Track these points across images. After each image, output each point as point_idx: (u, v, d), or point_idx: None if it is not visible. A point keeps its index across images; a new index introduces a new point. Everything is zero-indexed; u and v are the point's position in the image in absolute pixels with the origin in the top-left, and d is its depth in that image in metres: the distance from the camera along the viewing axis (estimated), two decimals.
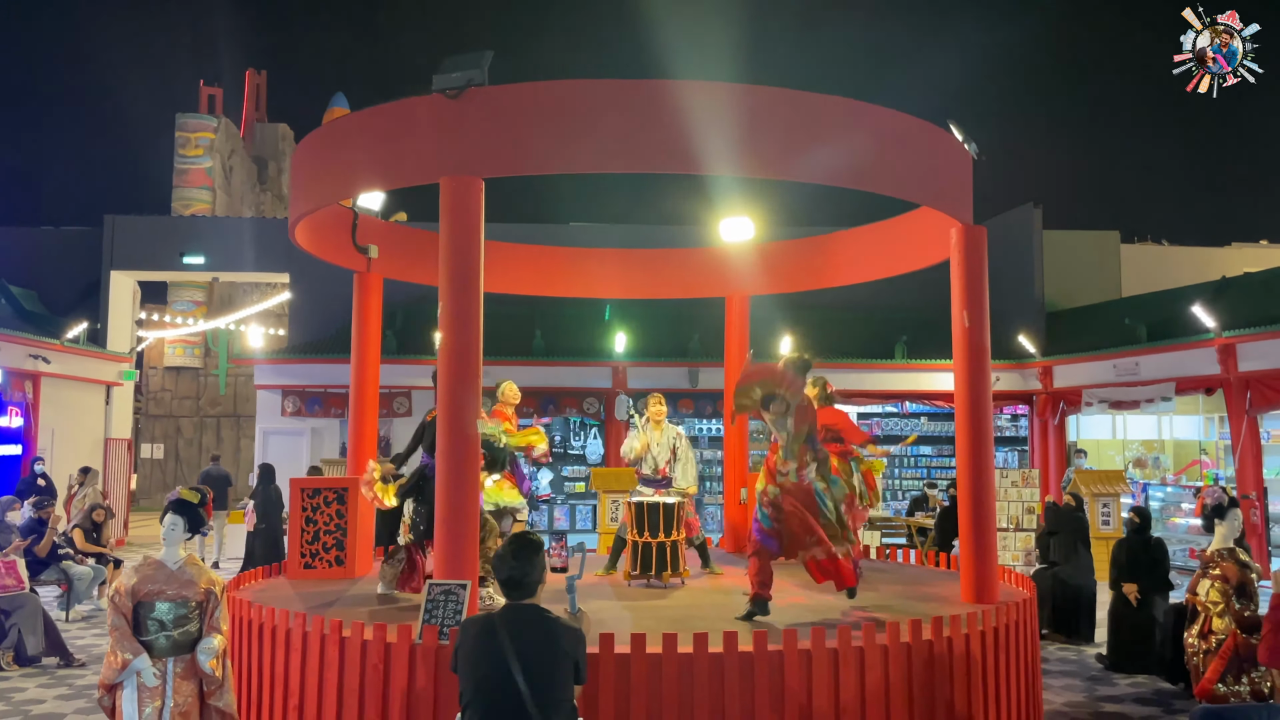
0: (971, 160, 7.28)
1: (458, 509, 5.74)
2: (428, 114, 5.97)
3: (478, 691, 3.56)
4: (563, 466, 19.67)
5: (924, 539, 13.93)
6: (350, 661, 5.47)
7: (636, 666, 5.11)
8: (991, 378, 16.31)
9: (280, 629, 5.84)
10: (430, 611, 5.45)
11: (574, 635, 3.69)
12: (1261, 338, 12.78)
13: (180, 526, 5.00)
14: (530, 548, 3.71)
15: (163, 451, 31.11)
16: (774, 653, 5.25)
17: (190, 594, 4.91)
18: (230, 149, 33.83)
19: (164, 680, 4.81)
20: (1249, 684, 5.20)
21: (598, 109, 5.89)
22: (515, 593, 3.67)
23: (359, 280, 8.91)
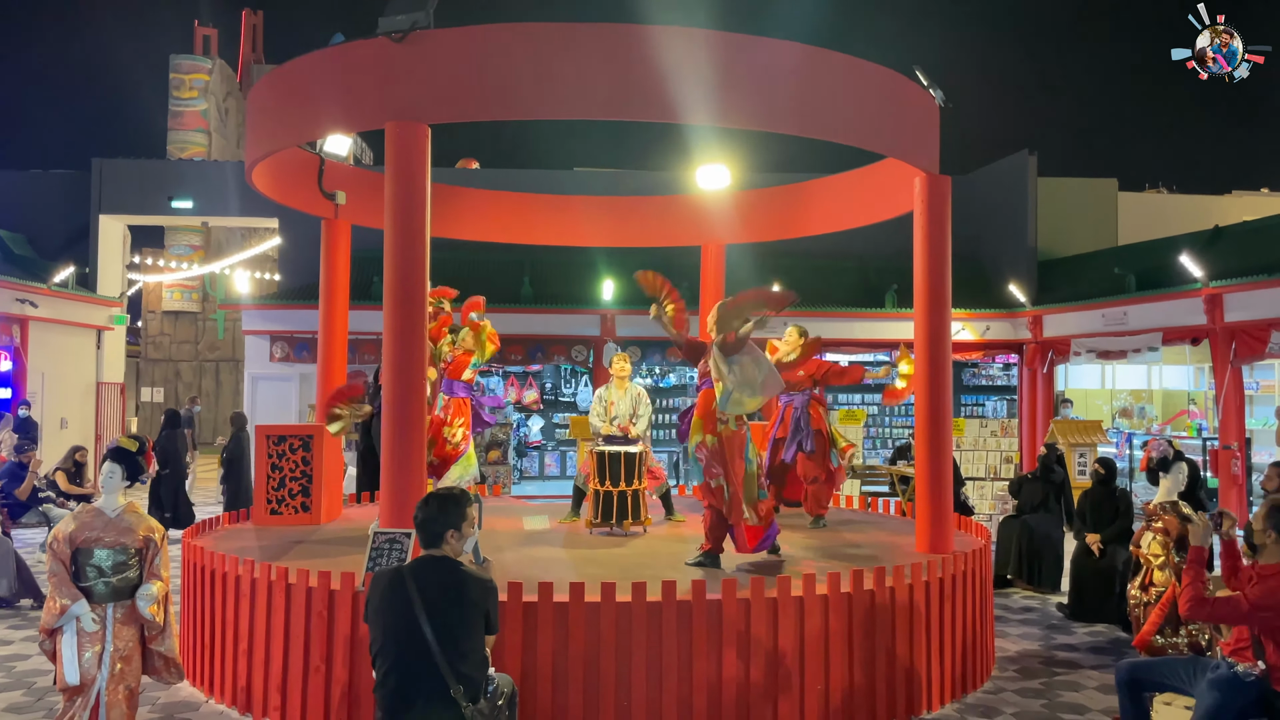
0: (938, 109, 7.15)
1: (403, 459, 5.75)
2: (373, 57, 5.87)
3: (386, 642, 3.60)
4: (553, 414, 19.72)
5: (905, 487, 13.98)
6: (295, 608, 5.53)
7: (574, 614, 5.16)
8: (976, 329, 16.10)
9: (230, 575, 5.90)
10: (374, 559, 5.48)
11: (482, 585, 3.71)
12: (1247, 288, 12.66)
13: (118, 474, 5.01)
14: (447, 499, 3.72)
15: (162, 395, 31.29)
16: (712, 601, 5.28)
17: (129, 541, 4.94)
18: (226, 91, 33.52)
19: (104, 625, 4.85)
20: (1187, 636, 5.21)
21: (547, 54, 5.77)
22: (421, 536, 3.69)
23: (327, 227, 8.85)
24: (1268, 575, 3.99)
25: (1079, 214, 19.88)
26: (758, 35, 6.07)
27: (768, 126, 6.22)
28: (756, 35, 6.04)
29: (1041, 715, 5.87)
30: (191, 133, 31.33)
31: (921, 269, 7.05)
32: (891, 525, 8.34)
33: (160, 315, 31.63)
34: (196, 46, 33.19)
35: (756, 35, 6.04)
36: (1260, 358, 12.94)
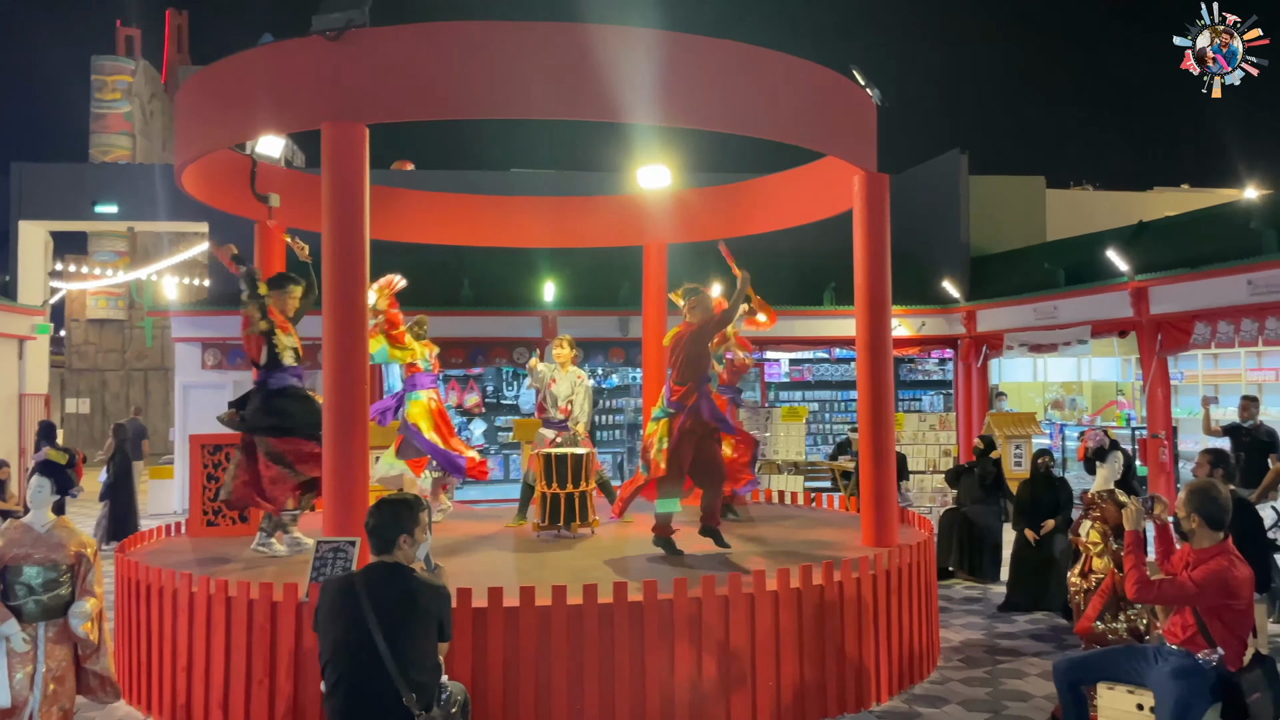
0: (875, 107, 7.23)
1: (345, 465, 5.64)
2: (307, 56, 5.75)
3: (336, 651, 3.52)
4: (495, 417, 19.56)
5: (847, 482, 14.14)
6: (237, 621, 5.39)
7: (525, 619, 5.10)
8: (912, 325, 16.31)
9: (167, 590, 5.73)
10: (318, 569, 5.37)
11: (435, 592, 3.65)
12: (1171, 281, 13.03)
13: (47, 488, 4.85)
14: (399, 504, 3.66)
15: (88, 406, 30.37)
16: (664, 601, 5.27)
17: (60, 557, 4.77)
18: (150, 93, 32.64)
19: (35, 645, 4.68)
20: (1126, 621, 5.34)
21: (486, 53, 5.71)
22: (372, 543, 3.62)
23: (260, 230, 8.66)
24: (1206, 558, 4.10)
25: (1008, 211, 20.30)
26: (697, 35, 6.08)
27: (710, 125, 6.23)
28: (697, 35, 6.04)
29: (986, 703, 5.97)
30: (115, 135, 30.44)
31: (862, 266, 7.13)
32: (835, 520, 8.42)
33: (85, 324, 30.68)
34: (119, 47, 32.25)
35: (697, 35, 6.04)
36: (1185, 349, 13.34)
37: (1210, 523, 4.13)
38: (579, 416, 8.32)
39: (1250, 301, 11.88)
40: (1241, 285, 12.02)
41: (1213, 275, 12.29)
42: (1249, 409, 9.32)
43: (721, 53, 6.12)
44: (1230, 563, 4.05)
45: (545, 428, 8.47)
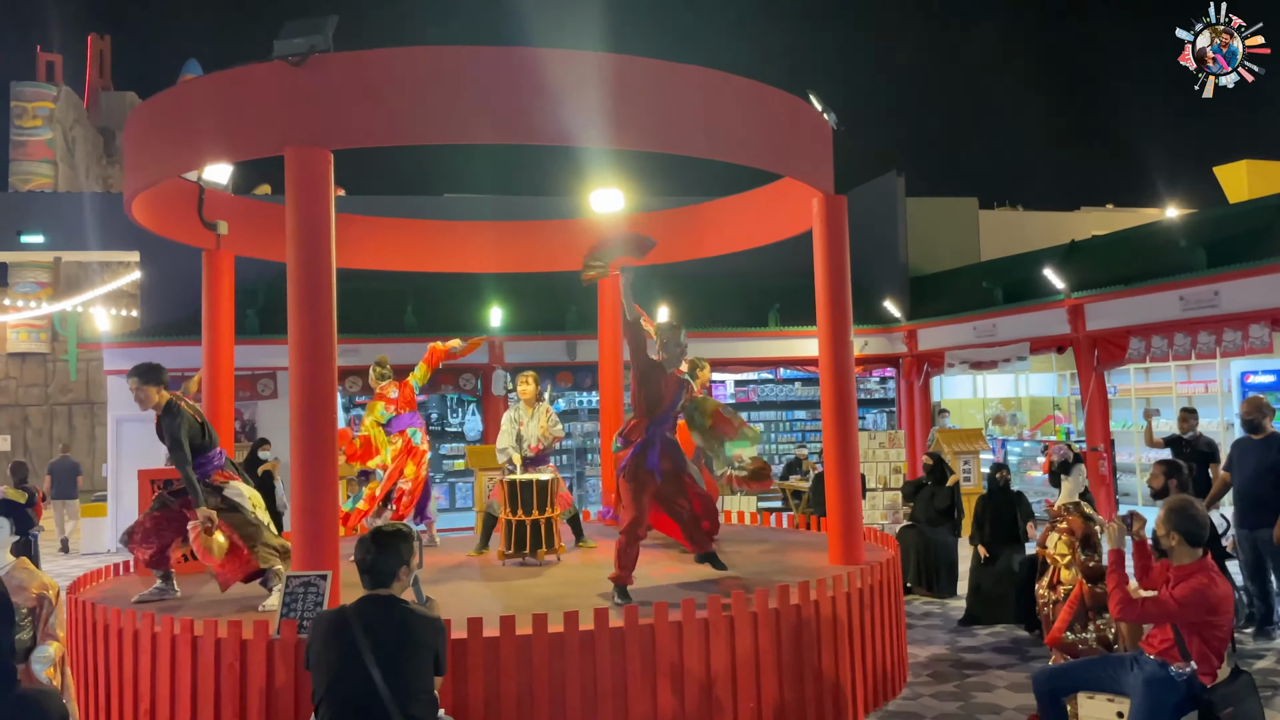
0: (831, 130, 7.35)
1: (315, 498, 5.51)
2: (269, 82, 5.66)
3: (331, 687, 3.43)
4: (440, 445, 19.33)
5: (798, 502, 14.25)
6: (204, 662, 5.21)
7: (506, 648, 5.02)
8: (855, 345, 16.66)
9: (127, 630, 5.52)
10: (289, 605, 5.22)
11: (430, 625, 3.58)
12: (1106, 298, 13.43)
13: (6, 529, 4.66)
14: (396, 536, 3.58)
15: (9, 443, 29.22)
16: (645, 626, 5.23)
17: (20, 600, 4.56)
18: (73, 119, 31.77)
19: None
20: (1095, 631, 5.45)
21: (450, 78, 5.68)
22: (367, 579, 3.53)
23: (208, 258, 8.48)
24: (1185, 575, 4.19)
25: (944, 232, 20.77)
26: (659, 59, 6.13)
27: (673, 149, 6.28)
28: (660, 59, 6.10)
29: (959, 717, 6.03)
30: (36, 163, 29.52)
31: (823, 287, 7.21)
32: (798, 540, 8.47)
33: (5, 358, 29.58)
34: (40, 73, 31.35)
35: (660, 59, 6.10)
36: (1121, 363, 13.75)
37: (1189, 540, 4.23)
38: (552, 435, 8.28)
39: (1183, 316, 12.31)
40: (1174, 301, 12.45)
41: (1146, 292, 12.71)
42: (1188, 421, 9.63)
43: (689, 78, 6.18)
44: (1210, 580, 4.15)
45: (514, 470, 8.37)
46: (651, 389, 6.25)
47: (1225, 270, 11.63)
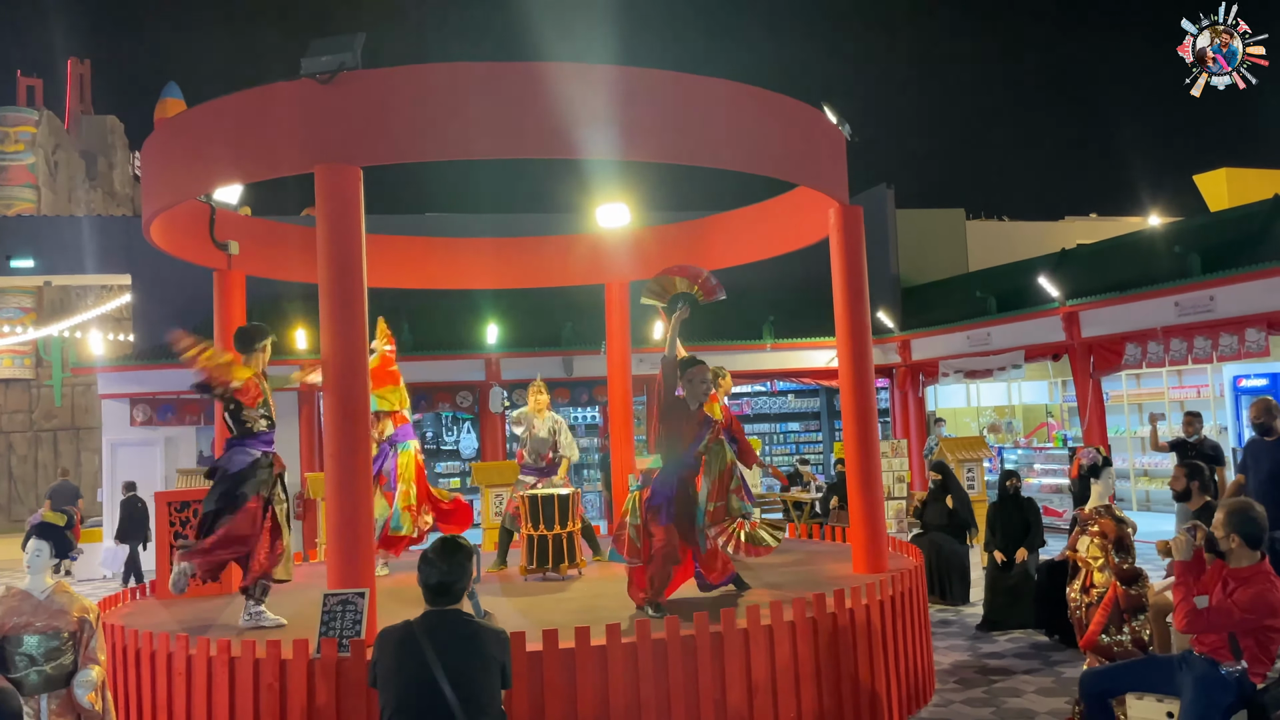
0: (845, 141, 7.42)
1: (351, 514, 5.48)
2: (297, 100, 5.65)
3: (401, 703, 3.40)
4: (436, 463, 19.28)
5: (799, 513, 14.28)
6: (242, 683, 5.16)
7: (549, 662, 5.01)
8: (827, 356, 16.34)
9: (160, 653, 5.47)
10: (327, 623, 5.20)
11: (498, 638, 3.57)
12: (1101, 305, 13.59)
13: (46, 552, 4.60)
14: (461, 552, 3.56)
15: None
16: (686, 638, 5.24)
17: (62, 624, 4.53)
18: (55, 143, 31.58)
19: (38, 718, 4.42)
20: (1130, 633, 5.49)
21: (481, 93, 5.69)
22: (440, 599, 3.51)
23: (219, 279, 8.42)
24: (1246, 578, 4.22)
25: (933, 242, 20.98)
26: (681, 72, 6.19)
27: (697, 161, 6.32)
28: (690, 73, 6.16)
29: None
30: (19, 188, 29.32)
31: (842, 297, 7.26)
32: (819, 549, 8.48)
33: None
34: (20, 98, 31.22)
35: (690, 73, 6.16)
36: (1117, 369, 13.89)
37: (1249, 542, 4.25)
38: (565, 453, 8.29)
39: (1178, 322, 12.46)
40: (1169, 307, 12.61)
41: (1142, 298, 12.86)
42: (1193, 424, 9.74)
43: (715, 90, 6.24)
44: (1271, 584, 4.17)
45: (525, 474, 8.39)
46: (672, 426, 6.19)
47: (1221, 275, 11.79)
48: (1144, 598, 5.53)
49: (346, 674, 4.99)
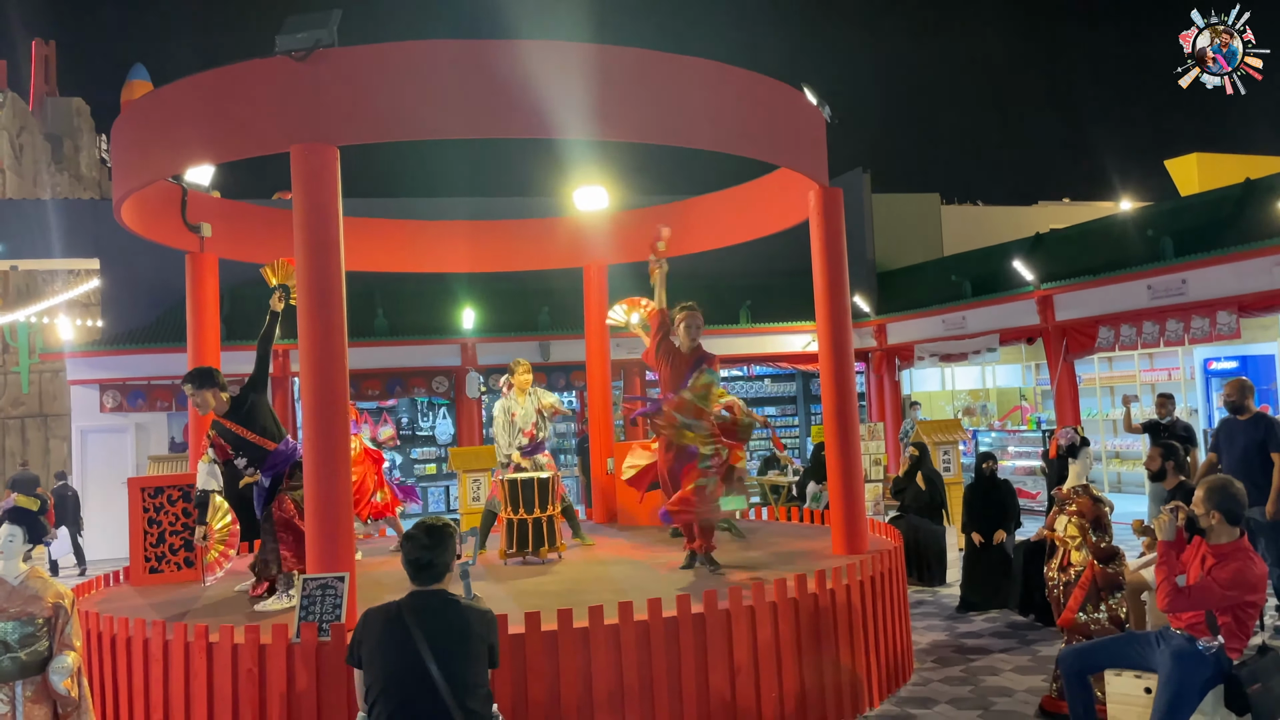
0: (825, 123, 7.41)
1: (329, 498, 5.42)
2: (272, 78, 5.56)
3: (388, 684, 3.37)
4: (411, 449, 19.17)
5: (776, 496, 14.33)
6: (220, 668, 5.11)
7: (532, 645, 4.99)
8: (802, 341, 16.37)
9: (137, 639, 5.41)
10: (307, 608, 5.15)
11: (485, 619, 3.55)
12: (1075, 288, 13.68)
13: (19, 537, 4.52)
14: (443, 531, 3.54)
15: None
16: (669, 619, 5.23)
17: (36, 610, 4.45)
18: (20, 126, 30.97)
19: (12, 706, 4.35)
20: (1107, 611, 5.54)
21: (460, 71, 5.62)
22: (423, 576, 3.49)
23: (192, 261, 8.32)
24: (1226, 554, 4.26)
25: (908, 227, 21.04)
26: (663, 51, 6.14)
27: (677, 141, 6.28)
28: (670, 52, 6.11)
29: (972, 700, 6.11)
30: None
31: (822, 280, 7.26)
32: (785, 531, 8.52)
33: None
34: None
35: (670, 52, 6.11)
36: (1090, 352, 14.01)
37: (1230, 518, 4.29)
38: (549, 404, 8.26)
39: (1151, 305, 12.58)
40: (1142, 290, 12.72)
41: (1115, 281, 12.96)
42: (1166, 406, 9.83)
43: (694, 70, 6.20)
44: (1249, 560, 4.22)
45: (515, 460, 8.27)
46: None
47: (1193, 259, 11.91)
48: (1121, 576, 5.59)
49: (327, 659, 4.95)
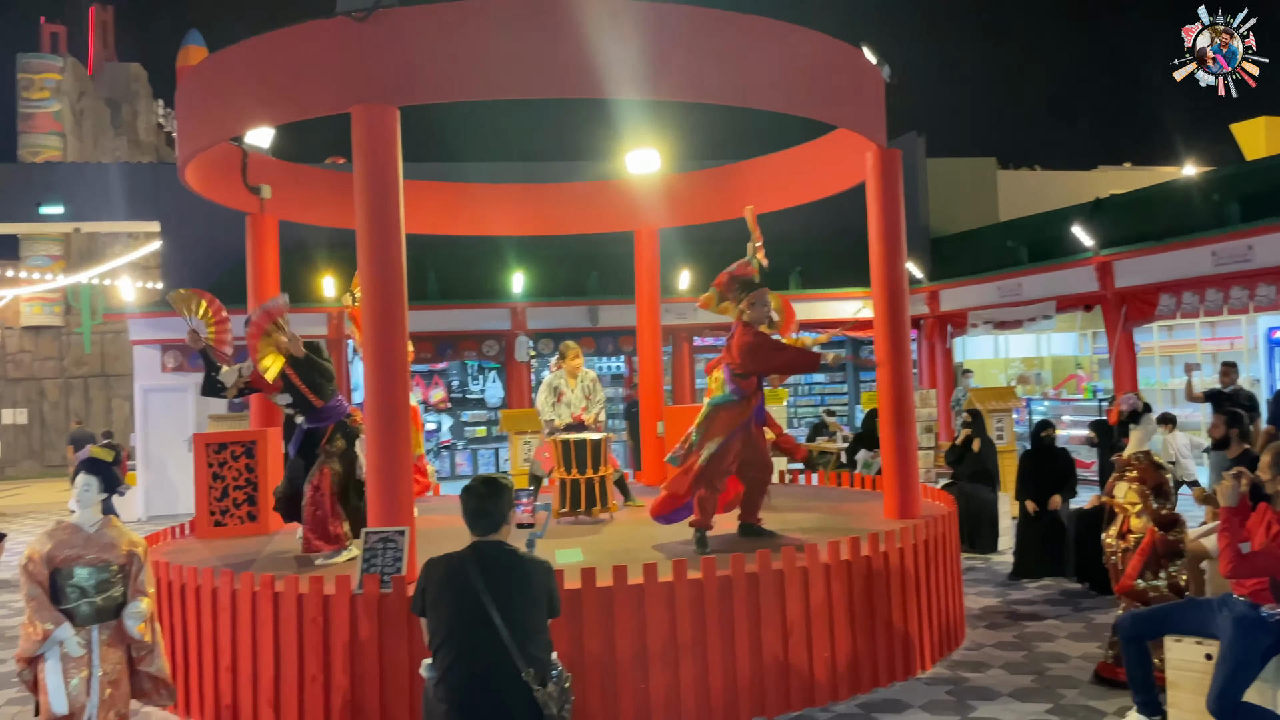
0: (884, 83, 7.30)
1: (390, 455, 5.53)
2: (333, 39, 5.60)
3: (451, 630, 3.46)
4: (462, 411, 19.38)
5: (824, 462, 14.30)
6: (286, 617, 5.26)
7: (588, 600, 5.07)
8: (854, 308, 16.21)
9: (205, 588, 5.57)
10: (369, 560, 5.27)
11: (544, 568, 3.63)
12: (1136, 254, 13.38)
13: (95, 487, 4.67)
14: (499, 482, 3.62)
15: (26, 416, 29.30)
16: (723, 578, 5.28)
17: (111, 557, 4.61)
18: (79, 91, 31.56)
19: (89, 649, 4.52)
20: (1167, 578, 5.48)
21: (522, 29, 5.60)
22: (481, 524, 3.57)
23: (252, 222, 8.46)
24: None
25: (963, 192, 20.70)
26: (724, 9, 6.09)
27: (740, 102, 6.24)
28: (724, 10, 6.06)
29: (1026, 665, 6.09)
30: (45, 135, 29.35)
31: (878, 242, 7.20)
32: (849, 496, 8.50)
33: (20, 331, 29.57)
34: (44, 44, 31.13)
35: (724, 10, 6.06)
36: (1150, 320, 13.73)
37: None
38: (595, 417, 8.30)
39: (1214, 272, 12.26)
40: (1205, 257, 12.40)
41: (1177, 248, 12.65)
42: (1229, 375, 9.65)
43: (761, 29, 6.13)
44: None
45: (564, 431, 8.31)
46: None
47: (1261, 224, 11.57)
48: (1182, 543, 5.51)
49: (389, 609, 5.07)
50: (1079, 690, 5.59)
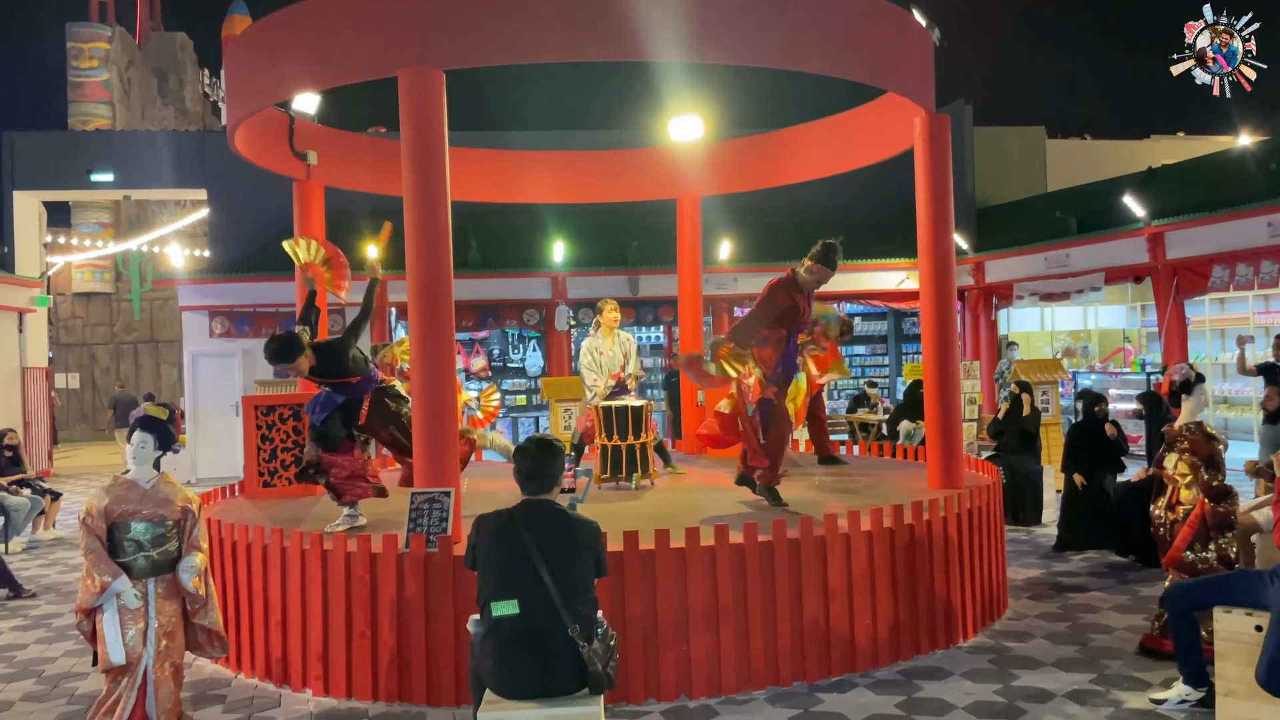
0: (933, 47, 7.18)
1: (437, 416, 5.59)
2: (379, 3, 5.62)
3: (500, 585, 3.51)
4: (502, 380, 19.52)
5: (865, 434, 14.25)
6: (334, 575, 5.36)
7: (630, 563, 5.11)
8: (897, 279, 16.10)
9: (256, 546, 5.69)
10: (415, 520, 5.36)
11: (591, 528, 3.66)
12: (1188, 225, 13.11)
13: (150, 444, 4.77)
14: (552, 444, 3.66)
15: (78, 381, 29.99)
16: (764, 544, 5.29)
17: (167, 512, 4.72)
18: (127, 60, 31.95)
19: (145, 602, 4.64)
20: (1216, 550, 5.41)
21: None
22: (533, 485, 3.61)
23: (299, 189, 8.54)
24: None
25: (1011, 162, 20.36)
26: None
27: (789, 65, 6.17)
28: None
29: (1069, 636, 6.05)
30: (94, 104, 29.79)
31: (925, 211, 7.11)
32: (878, 465, 8.47)
33: (71, 298, 30.21)
34: (92, 13, 31.52)
35: None
36: (1202, 292, 13.46)
37: None
38: (631, 372, 8.33)
39: (1271, 243, 11.98)
40: (1261, 227, 12.11)
41: (1232, 218, 12.36)
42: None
43: None
44: None
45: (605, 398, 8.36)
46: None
47: None
48: (1232, 515, 5.43)
49: (435, 567, 5.15)
50: (1124, 661, 5.55)
